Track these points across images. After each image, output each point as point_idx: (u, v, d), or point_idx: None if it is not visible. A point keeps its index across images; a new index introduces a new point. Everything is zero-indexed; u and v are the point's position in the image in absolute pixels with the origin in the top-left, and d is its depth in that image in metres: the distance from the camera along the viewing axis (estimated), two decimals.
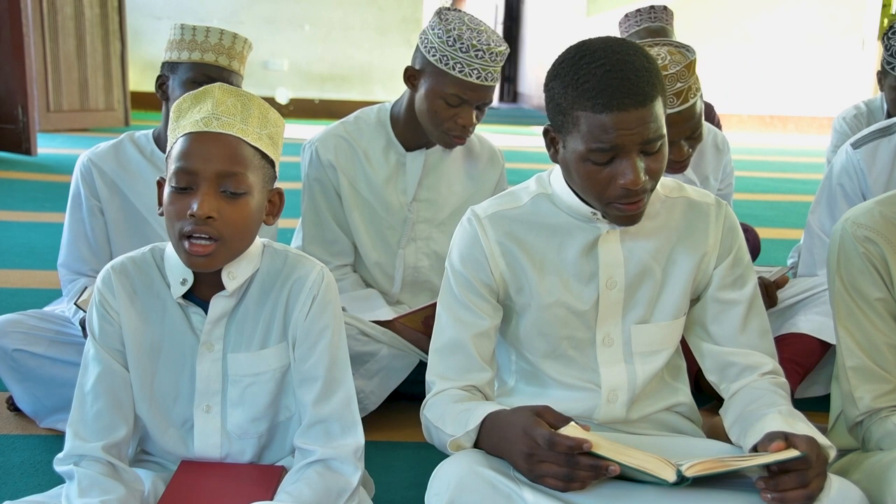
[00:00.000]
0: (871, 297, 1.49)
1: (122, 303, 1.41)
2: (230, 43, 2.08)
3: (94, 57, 7.36)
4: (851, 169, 2.27)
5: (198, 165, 1.31)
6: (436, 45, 2.06)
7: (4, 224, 4.13)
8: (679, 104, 2.02)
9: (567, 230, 1.47)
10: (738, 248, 1.51)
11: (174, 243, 1.36)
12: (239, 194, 1.34)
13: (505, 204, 1.50)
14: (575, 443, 1.21)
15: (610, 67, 1.30)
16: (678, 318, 1.51)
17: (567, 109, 1.34)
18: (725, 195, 2.68)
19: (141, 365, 1.42)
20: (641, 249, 1.47)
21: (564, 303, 1.47)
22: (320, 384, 1.42)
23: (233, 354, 1.43)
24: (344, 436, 1.41)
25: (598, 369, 1.49)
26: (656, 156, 1.35)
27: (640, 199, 1.36)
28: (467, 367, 1.47)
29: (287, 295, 1.43)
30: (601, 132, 1.31)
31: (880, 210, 1.51)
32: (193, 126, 1.34)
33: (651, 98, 1.31)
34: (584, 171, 1.36)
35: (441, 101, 2.08)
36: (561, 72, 1.36)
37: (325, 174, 2.23)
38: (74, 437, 1.37)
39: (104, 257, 2.12)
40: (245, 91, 1.40)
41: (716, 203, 1.51)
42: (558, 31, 12.64)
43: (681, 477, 1.20)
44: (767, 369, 1.48)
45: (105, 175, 2.10)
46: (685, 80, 2.02)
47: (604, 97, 1.29)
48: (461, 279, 1.49)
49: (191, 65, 2.05)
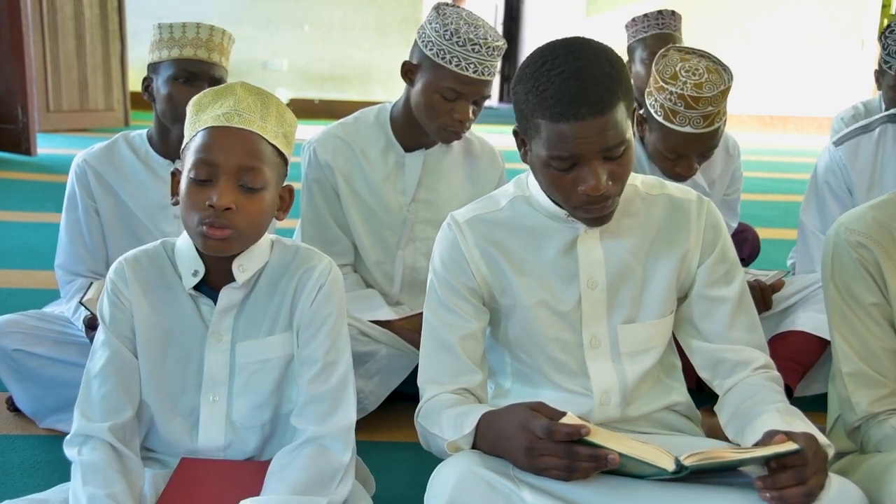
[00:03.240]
0: (866, 302, 1.49)
1: (135, 292, 1.45)
2: (207, 36, 2.08)
3: (94, 57, 7.36)
4: (835, 166, 2.30)
5: (219, 158, 1.36)
6: (433, 40, 2.06)
7: (4, 224, 4.13)
8: (704, 126, 2.00)
9: (545, 231, 1.48)
10: (723, 245, 1.51)
11: (190, 230, 1.40)
12: (256, 189, 1.38)
13: (483, 208, 1.51)
14: (573, 429, 1.21)
15: (569, 75, 1.29)
16: (665, 316, 1.51)
17: (528, 115, 1.35)
18: (732, 201, 2.68)
19: (150, 355, 1.45)
20: (621, 248, 1.48)
21: (546, 303, 1.48)
22: (319, 366, 1.45)
23: (240, 343, 1.47)
24: (335, 413, 1.43)
25: (588, 372, 1.49)
26: (620, 160, 1.35)
27: (604, 203, 1.36)
28: (457, 370, 1.47)
29: (296, 285, 1.47)
30: (559, 141, 1.31)
31: (873, 215, 1.51)
32: (215, 120, 1.38)
33: (610, 106, 1.29)
34: (547, 175, 1.37)
35: (438, 95, 2.08)
36: (524, 76, 1.35)
37: (323, 175, 2.23)
38: (81, 418, 1.40)
39: (101, 258, 2.13)
40: (264, 90, 1.45)
41: (697, 200, 1.51)
42: (558, 31, 12.62)
43: (679, 466, 1.20)
44: (759, 364, 1.48)
45: (100, 175, 2.11)
46: (717, 104, 2.00)
47: (561, 106, 1.29)
48: (444, 283, 1.49)
49: (170, 62, 2.05)
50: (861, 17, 10.74)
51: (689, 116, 2.01)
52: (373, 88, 9.97)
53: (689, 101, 1.99)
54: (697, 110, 1.99)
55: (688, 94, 1.99)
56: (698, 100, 1.98)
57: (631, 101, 1.36)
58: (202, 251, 1.42)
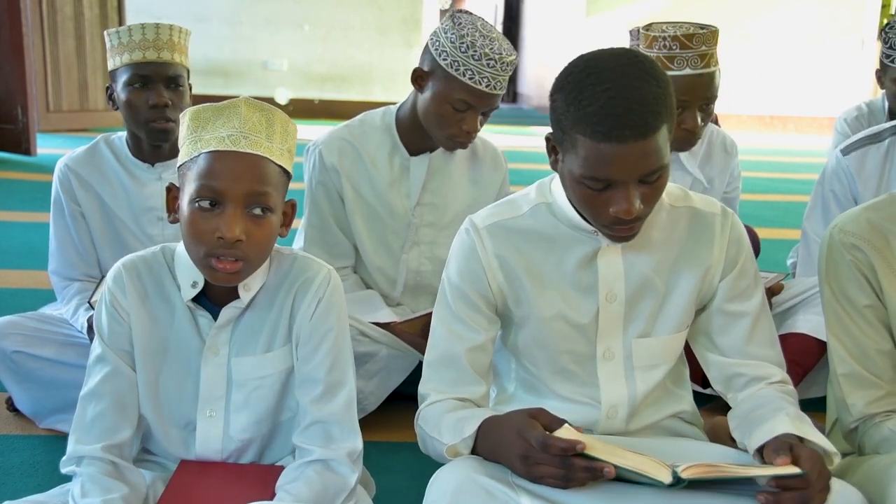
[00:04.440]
0: (860, 304, 1.49)
1: (133, 302, 1.41)
2: (154, 35, 2.02)
3: (94, 57, 7.35)
4: (842, 174, 2.29)
5: (226, 185, 1.30)
6: (447, 50, 2.04)
7: (4, 224, 4.13)
8: (702, 66, 2.07)
9: (566, 242, 1.44)
10: (745, 259, 1.48)
11: (197, 261, 1.34)
12: (264, 214, 1.33)
13: (504, 213, 1.47)
14: (568, 444, 1.20)
15: (615, 94, 1.23)
16: (680, 331, 1.49)
17: (567, 128, 1.29)
18: (732, 199, 2.68)
19: (147, 365, 1.42)
20: (643, 263, 1.44)
21: (564, 316, 1.45)
22: (322, 387, 1.42)
23: (237, 359, 1.43)
24: (343, 439, 1.41)
25: (599, 385, 1.47)
26: (655, 184, 1.31)
27: (633, 225, 1.34)
28: (461, 381, 1.45)
29: (293, 297, 1.43)
30: (597, 161, 1.26)
31: (867, 217, 1.51)
32: (220, 143, 1.31)
33: (654, 129, 1.24)
34: (578, 192, 1.33)
35: (448, 105, 2.07)
36: (566, 86, 1.29)
37: (328, 177, 2.22)
38: (76, 443, 1.37)
39: (92, 261, 2.12)
40: (266, 104, 1.37)
41: (721, 213, 1.48)
42: (558, 31, 12.63)
43: (676, 478, 1.20)
44: (775, 379, 1.46)
45: (82, 179, 2.09)
46: (710, 44, 2.09)
47: (604, 126, 1.23)
48: (457, 292, 1.46)
49: (124, 68, 2.03)
50: (861, 17, 10.73)
51: (686, 57, 2.08)
52: (373, 88, 9.96)
53: (683, 40, 2.09)
54: (693, 49, 2.06)
55: (681, 34, 2.09)
56: (692, 37, 2.08)
57: (673, 121, 1.31)
58: (210, 281, 1.37)
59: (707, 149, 2.54)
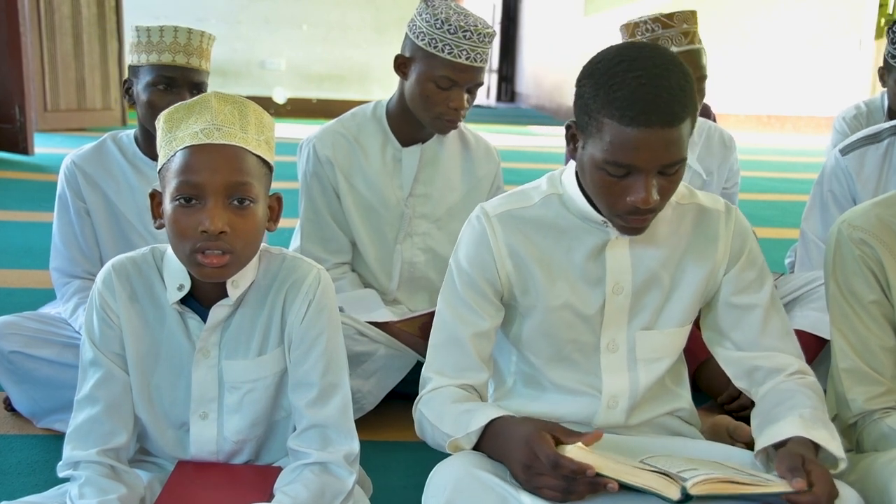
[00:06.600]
0: (866, 299, 1.49)
1: (123, 304, 1.40)
2: (185, 40, 2.03)
3: (92, 56, 7.35)
4: (840, 174, 2.29)
5: (204, 178, 1.28)
6: (424, 30, 2.08)
7: (1, 224, 4.13)
8: (687, 43, 2.12)
9: (576, 233, 1.45)
10: (750, 251, 1.49)
11: (183, 258, 1.33)
12: (247, 205, 1.32)
13: (515, 203, 1.48)
14: (578, 468, 1.19)
15: (646, 80, 1.26)
16: (684, 325, 1.50)
17: (594, 112, 1.30)
18: (731, 194, 2.69)
19: (139, 368, 1.41)
20: (650, 257, 1.46)
21: (571, 306, 1.46)
22: (316, 390, 1.41)
23: (228, 361, 1.42)
24: (340, 442, 1.41)
25: (601, 375, 1.48)
26: (673, 177, 1.33)
27: (647, 216, 1.35)
28: (464, 366, 1.46)
29: (283, 298, 1.42)
30: (622, 145, 1.27)
31: (877, 212, 1.51)
32: (193, 138, 1.30)
33: (680, 119, 1.27)
34: (597, 178, 1.34)
35: (432, 84, 2.09)
36: (596, 72, 1.31)
37: (322, 171, 2.23)
38: (72, 448, 1.36)
39: (95, 258, 2.11)
40: (238, 96, 1.37)
41: (725, 209, 1.49)
42: (556, 30, 12.64)
43: (685, 495, 1.19)
44: (794, 370, 1.46)
45: (88, 176, 2.09)
46: (690, 23, 2.14)
47: (633, 110, 1.25)
48: (466, 277, 1.47)
49: (149, 67, 2.02)
50: (859, 18, 10.74)
51: (670, 36, 2.14)
52: (371, 88, 9.97)
53: (664, 20, 2.18)
54: (675, 27, 2.12)
55: (661, 15, 2.17)
56: (672, 15, 2.15)
57: (696, 118, 1.33)
58: (198, 278, 1.36)
59: (706, 142, 2.56)
